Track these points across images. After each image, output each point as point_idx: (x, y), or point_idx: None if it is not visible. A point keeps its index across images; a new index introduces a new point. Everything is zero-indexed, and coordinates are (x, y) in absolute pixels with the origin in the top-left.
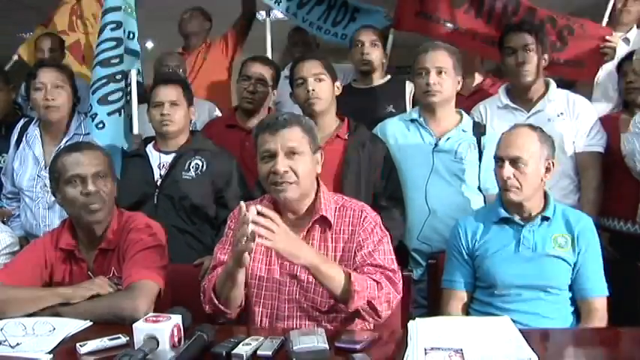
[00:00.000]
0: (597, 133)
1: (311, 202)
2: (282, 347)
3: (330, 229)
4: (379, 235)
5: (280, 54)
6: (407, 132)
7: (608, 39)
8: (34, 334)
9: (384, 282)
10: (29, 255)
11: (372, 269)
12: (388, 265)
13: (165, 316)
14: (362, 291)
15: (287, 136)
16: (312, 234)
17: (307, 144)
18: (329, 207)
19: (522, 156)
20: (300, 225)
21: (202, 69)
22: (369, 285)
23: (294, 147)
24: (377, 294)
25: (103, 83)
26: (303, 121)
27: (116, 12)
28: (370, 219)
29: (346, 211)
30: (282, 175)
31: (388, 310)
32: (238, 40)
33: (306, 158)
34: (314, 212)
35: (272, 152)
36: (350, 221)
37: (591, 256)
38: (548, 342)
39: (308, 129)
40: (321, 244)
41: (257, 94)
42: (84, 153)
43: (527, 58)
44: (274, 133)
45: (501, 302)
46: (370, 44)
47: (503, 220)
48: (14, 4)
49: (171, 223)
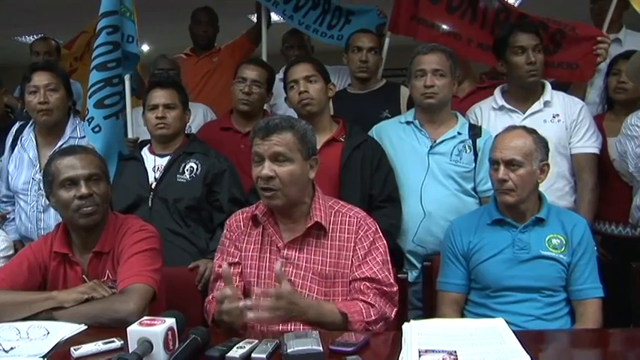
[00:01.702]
0: (593, 134)
1: (306, 206)
2: (277, 350)
3: (326, 235)
4: (376, 244)
5: (275, 57)
6: (402, 134)
7: (601, 40)
8: (28, 338)
9: (379, 303)
10: (23, 259)
11: (368, 284)
12: (385, 279)
13: (159, 319)
14: (359, 324)
15: (276, 141)
16: (307, 239)
17: (297, 150)
18: (324, 213)
19: (517, 158)
20: (295, 230)
21: (215, 73)
22: (365, 313)
23: (281, 152)
24: (372, 318)
25: (99, 87)
26: (297, 126)
27: (113, 16)
28: (367, 227)
29: (342, 217)
30: (266, 180)
31: (384, 325)
32: (251, 47)
33: (294, 164)
34: (308, 218)
35: (260, 156)
36: (346, 228)
37: (586, 257)
38: (543, 343)
39: (301, 134)
40: (316, 249)
41: (252, 95)
42: (78, 156)
43: (538, 58)
44: (264, 138)
45: (496, 304)
46: (368, 50)
47: (498, 221)
48: (12, 8)
49: (165, 226)
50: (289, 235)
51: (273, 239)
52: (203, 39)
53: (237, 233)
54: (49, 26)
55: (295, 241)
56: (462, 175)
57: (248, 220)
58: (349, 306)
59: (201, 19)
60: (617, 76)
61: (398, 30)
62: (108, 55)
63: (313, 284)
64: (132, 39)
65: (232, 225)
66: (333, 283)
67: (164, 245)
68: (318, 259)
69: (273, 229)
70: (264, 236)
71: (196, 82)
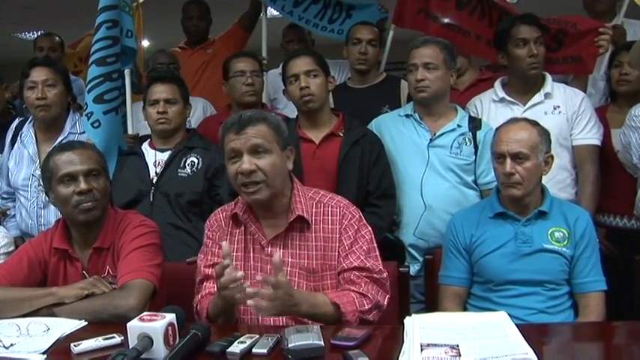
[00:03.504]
0: (594, 125)
1: (287, 200)
2: (278, 345)
3: (309, 228)
4: (362, 232)
5: (275, 51)
6: (402, 128)
7: (602, 31)
8: (28, 334)
9: (372, 291)
10: (23, 255)
11: (357, 274)
12: (374, 266)
13: (159, 314)
14: (353, 314)
15: (252, 133)
16: (290, 234)
17: (274, 141)
18: (305, 205)
19: (524, 151)
20: (277, 226)
21: (210, 66)
22: (357, 303)
23: (260, 144)
24: (366, 308)
25: (98, 82)
26: (269, 118)
27: (112, 10)
28: (350, 215)
29: (324, 207)
30: (248, 174)
31: (379, 313)
32: (245, 35)
33: (273, 156)
34: (289, 212)
35: (237, 151)
36: (329, 219)
37: (589, 250)
38: (546, 337)
39: (275, 125)
40: (301, 244)
41: (255, 85)
42: (76, 152)
43: (540, 50)
44: (239, 132)
45: (498, 297)
46: (367, 43)
47: (500, 214)
48: (10, 4)
49: (167, 221)
50: (272, 232)
51: (256, 237)
52: (195, 33)
53: (219, 233)
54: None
55: (278, 237)
56: (462, 168)
57: (228, 219)
58: (341, 296)
59: (192, 13)
60: (619, 67)
61: (403, 23)
62: (107, 50)
63: (301, 280)
64: (131, 34)
65: (213, 225)
66: (321, 277)
67: (166, 240)
68: (303, 253)
69: (255, 227)
70: (247, 235)
71: (191, 75)
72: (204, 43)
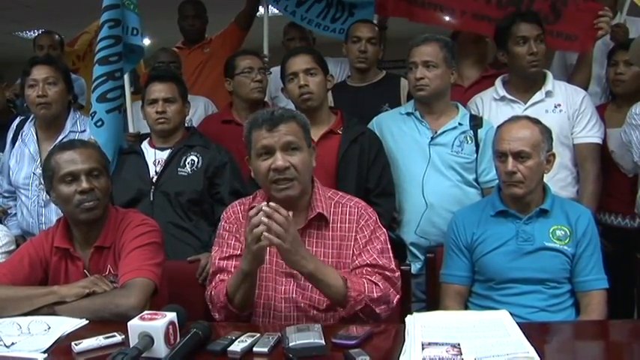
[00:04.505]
0: (595, 124)
1: (308, 197)
2: (279, 344)
3: (327, 227)
4: (377, 234)
5: (277, 50)
6: (403, 126)
7: (602, 14)
8: (29, 333)
9: (383, 283)
10: (24, 254)
11: (370, 270)
12: (387, 264)
13: (160, 313)
14: (359, 295)
15: (284, 131)
16: (308, 231)
17: (303, 138)
18: (325, 203)
19: (526, 149)
20: (296, 222)
21: (207, 65)
22: (367, 288)
23: (292, 141)
24: (375, 296)
25: (102, 81)
26: (298, 116)
27: (114, 9)
28: (367, 216)
29: (342, 207)
30: (282, 171)
31: (388, 310)
32: (241, 34)
33: (304, 153)
34: (310, 209)
35: (270, 148)
36: (347, 218)
37: (590, 249)
38: (547, 335)
39: (303, 123)
40: (318, 241)
41: (264, 82)
42: (77, 151)
43: (540, 48)
44: (271, 129)
45: (500, 296)
46: (367, 41)
47: (501, 213)
48: (11, 3)
49: (167, 220)
50: None
51: None
52: (192, 32)
53: (236, 225)
54: (50, 21)
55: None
56: (463, 166)
57: (246, 212)
58: (352, 277)
59: (187, 12)
60: (615, 67)
61: (386, 12)
62: (110, 49)
63: None
64: (136, 31)
65: (230, 217)
66: None
67: (167, 239)
68: (320, 250)
69: None
70: None
71: (189, 74)
72: (201, 43)
